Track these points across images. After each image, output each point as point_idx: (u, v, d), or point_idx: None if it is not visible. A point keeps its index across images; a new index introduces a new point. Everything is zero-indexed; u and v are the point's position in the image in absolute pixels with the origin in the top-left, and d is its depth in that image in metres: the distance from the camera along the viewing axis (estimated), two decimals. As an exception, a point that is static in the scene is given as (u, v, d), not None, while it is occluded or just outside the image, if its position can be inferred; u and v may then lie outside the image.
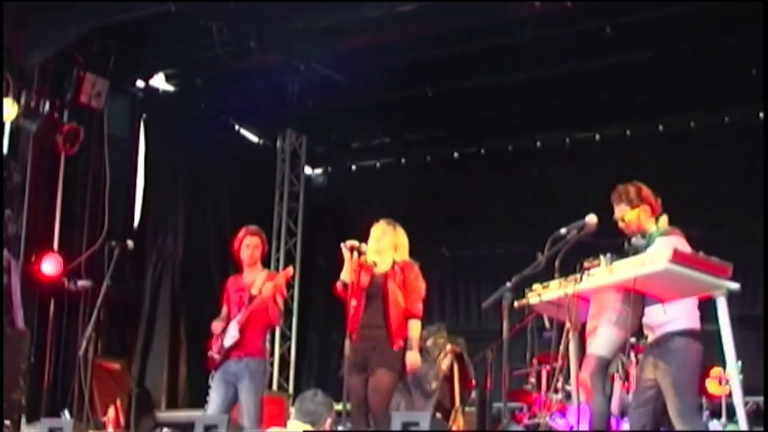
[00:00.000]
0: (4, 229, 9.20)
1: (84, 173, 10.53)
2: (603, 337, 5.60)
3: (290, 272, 7.62)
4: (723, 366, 6.51)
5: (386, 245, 6.87)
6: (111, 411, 9.25)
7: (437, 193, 12.93)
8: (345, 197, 13.48)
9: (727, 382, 7.64)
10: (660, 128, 11.86)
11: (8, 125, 9.46)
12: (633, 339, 6.38)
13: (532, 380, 8.91)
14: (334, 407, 5.36)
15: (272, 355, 12.73)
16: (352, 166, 13.91)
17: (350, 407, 6.68)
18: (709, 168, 11.35)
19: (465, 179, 12.79)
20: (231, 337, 7.23)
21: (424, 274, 7.01)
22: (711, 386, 8.22)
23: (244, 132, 13.14)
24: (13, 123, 9.48)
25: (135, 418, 9.76)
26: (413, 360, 6.75)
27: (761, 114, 10.86)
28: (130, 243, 8.18)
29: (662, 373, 5.64)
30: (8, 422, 7.64)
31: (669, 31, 9.91)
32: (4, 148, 9.51)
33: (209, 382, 7.54)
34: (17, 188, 9.67)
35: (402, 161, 13.54)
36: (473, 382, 9.82)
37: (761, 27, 8.71)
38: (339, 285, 6.81)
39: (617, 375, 7.67)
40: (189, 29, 10.04)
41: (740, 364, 5.66)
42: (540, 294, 5.86)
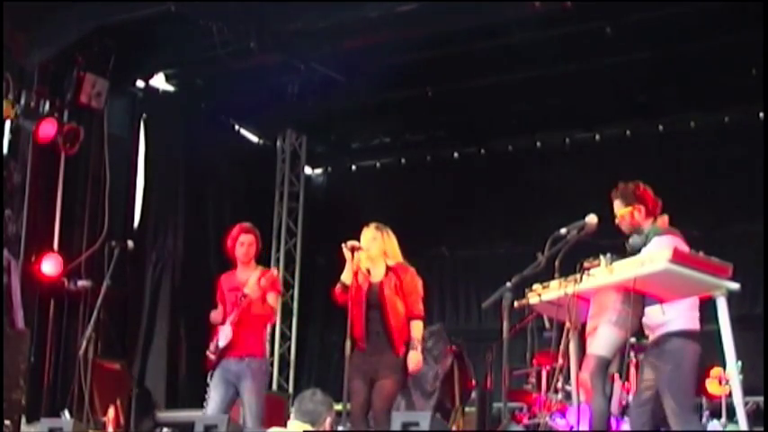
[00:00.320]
0: (4, 229, 9.19)
1: (84, 173, 10.52)
2: (603, 337, 5.60)
3: (274, 273, 7.49)
4: (723, 366, 6.50)
5: (375, 251, 6.87)
6: (111, 411, 9.24)
7: (437, 193, 12.91)
8: (345, 197, 13.46)
9: (727, 382, 7.63)
10: (660, 128, 11.84)
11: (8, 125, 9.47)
12: (633, 339, 6.39)
13: (532, 380, 8.90)
14: (334, 406, 5.34)
15: (272, 355, 12.74)
16: (352, 166, 13.90)
17: (351, 408, 6.69)
18: (709, 168, 11.33)
19: (465, 179, 12.77)
20: (225, 337, 7.25)
21: (422, 274, 7.02)
22: (711, 386, 8.21)
23: (244, 132, 13.13)
24: (12, 123, 9.48)
25: (135, 418, 9.77)
26: (415, 361, 6.77)
27: (761, 114, 10.86)
28: (130, 243, 8.21)
29: (659, 373, 5.69)
30: (8, 422, 7.63)
31: (669, 31, 9.91)
32: (4, 148, 9.51)
33: (208, 381, 7.54)
34: (17, 188, 9.66)
35: (402, 161, 13.52)
36: (473, 382, 9.82)
37: (761, 27, 8.70)
38: (338, 288, 6.82)
39: (617, 375, 7.67)
40: (189, 29, 10.04)
41: (740, 364, 5.65)
42: (540, 294, 5.86)
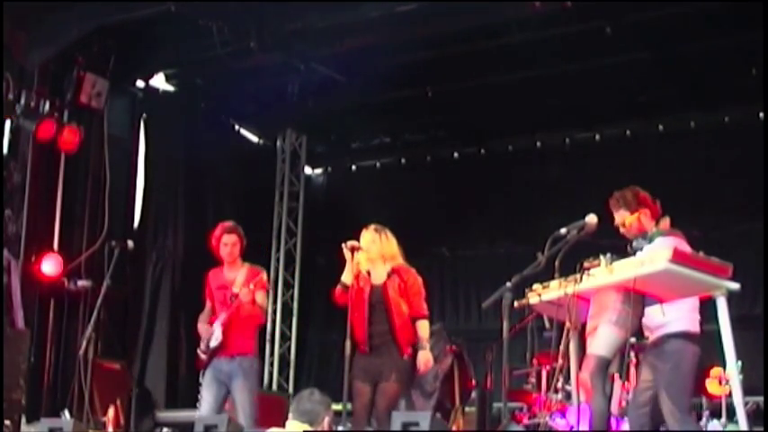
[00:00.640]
0: (4, 229, 9.21)
1: (84, 173, 10.52)
2: (603, 337, 5.60)
3: (263, 277, 7.41)
4: (723, 366, 6.51)
5: (374, 254, 6.89)
6: (111, 411, 9.24)
7: (437, 193, 12.90)
8: (345, 197, 13.45)
9: (727, 382, 7.63)
10: (660, 128, 11.83)
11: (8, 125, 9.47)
12: (633, 339, 6.38)
13: (532, 380, 8.90)
14: (332, 406, 5.34)
15: (272, 355, 12.74)
16: (352, 166, 13.89)
17: (353, 408, 6.70)
18: (709, 168, 11.32)
19: (465, 179, 12.76)
20: (215, 338, 7.27)
21: (422, 274, 7.03)
22: (711, 386, 8.21)
23: (244, 132, 13.12)
24: (12, 123, 9.48)
25: (135, 418, 9.77)
26: (426, 359, 6.80)
27: (761, 114, 10.85)
28: (130, 243, 8.21)
29: (658, 374, 5.69)
30: (8, 422, 7.65)
31: (669, 31, 9.91)
32: (4, 148, 9.51)
33: (200, 381, 7.55)
34: (17, 188, 9.67)
35: (402, 161, 13.51)
36: (473, 382, 9.82)
37: (761, 27, 8.70)
38: (339, 290, 6.83)
39: (617, 375, 7.66)
40: (189, 29, 10.05)
41: (740, 364, 5.66)
42: (540, 294, 5.86)
